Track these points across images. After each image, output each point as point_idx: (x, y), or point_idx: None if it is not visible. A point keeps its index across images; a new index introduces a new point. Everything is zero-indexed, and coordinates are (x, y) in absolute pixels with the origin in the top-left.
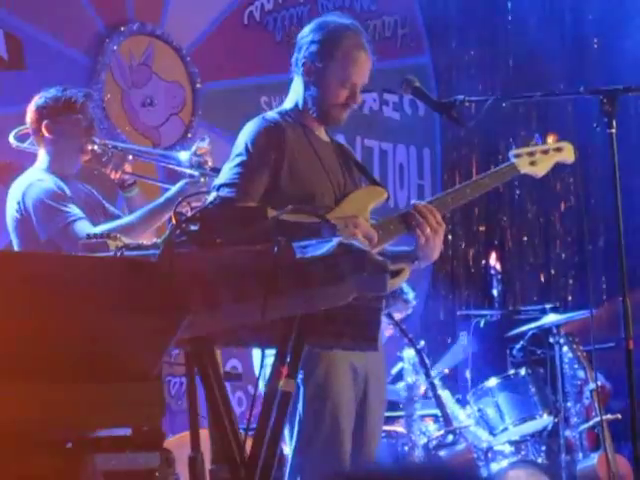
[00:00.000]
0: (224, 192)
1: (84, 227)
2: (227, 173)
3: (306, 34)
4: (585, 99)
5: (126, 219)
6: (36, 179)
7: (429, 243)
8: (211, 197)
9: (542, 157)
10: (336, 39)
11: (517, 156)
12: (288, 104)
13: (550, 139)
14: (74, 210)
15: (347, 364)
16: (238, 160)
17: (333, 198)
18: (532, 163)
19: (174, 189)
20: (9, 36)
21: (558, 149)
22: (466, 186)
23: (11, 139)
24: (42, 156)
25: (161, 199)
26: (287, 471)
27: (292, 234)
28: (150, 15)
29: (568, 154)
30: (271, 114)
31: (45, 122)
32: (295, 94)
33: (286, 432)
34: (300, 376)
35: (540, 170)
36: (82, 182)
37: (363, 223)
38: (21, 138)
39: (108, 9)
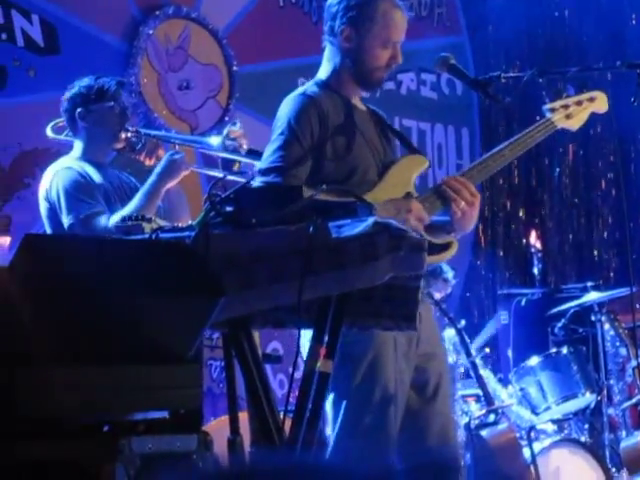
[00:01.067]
0: (270, 177)
1: (100, 221)
2: (271, 155)
3: (339, 1)
4: (623, 74)
5: (133, 203)
6: (63, 167)
7: (465, 216)
8: (256, 182)
9: (576, 109)
10: (372, 2)
11: (552, 110)
12: (323, 74)
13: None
14: (97, 202)
15: (401, 346)
16: (281, 140)
17: (376, 170)
18: (567, 117)
19: (162, 162)
20: (44, 22)
21: (591, 99)
22: (504, 148)
23: (48, 132)
24: (77, 144)
25: (153, 176)
26: (329, 453)
27: (327, 214)
28: None
29: (601, 103)
30: (310, 88)
31: (78, 110)
32: (331, 63)
33: (332, 413)
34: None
35: (576, 123)
36: (119, 169)
37: (416, 206)
38: (58, 131)
39: None
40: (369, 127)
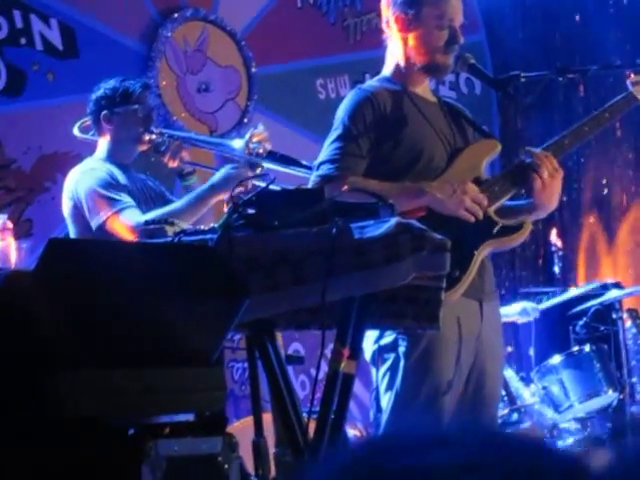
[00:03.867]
0: (324, 170)
1: (133, 215)
2: (326, 150)
3: None
4: None
5: (173, 205)
6: (89, 168)
7: (546, 189)
8: (312, 177)
9: None
10: None
11: (636, 84)
12: (387, 70)
13: None
14: (125, 198)
15: (455, 338)
16: (335, 135)
17: (445, 157)
18: None
19: (219, 175)
20: (63, 25)
21: None
22: (584, 124)
23: (75, 131)
24: (101, 145)
25: (206, 185)
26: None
27: (349, 215)
28: (203, 0)
29: None
30: (369, 82)
31: (103, 113)
32: (393, 57)
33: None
34: (402, 349)
35: None
36: (142, 172)
37: (471, 188)
38: (85, 130)
39: None
40: (438, 116)
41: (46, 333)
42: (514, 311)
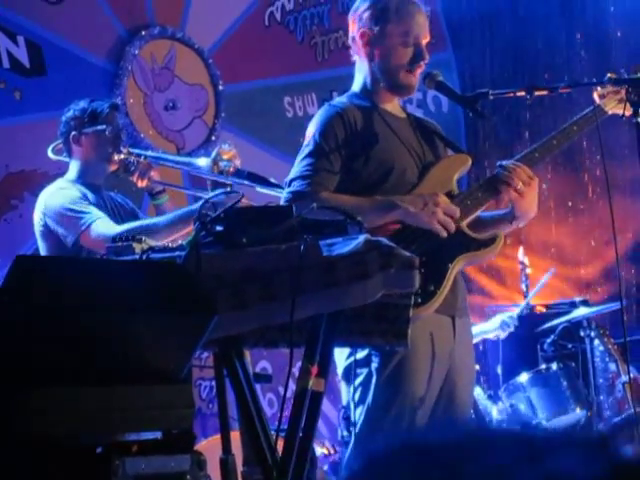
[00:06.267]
0: (295, 186)
1: (104, 225)
2: (297, 167)
3: (355, 8)
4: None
5: (152, 220)
6: (58, 187)
7: (524, 197)
8: (284, 193)
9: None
10: (385, 0)
11: (602, 96)
12: (356, 86)
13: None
14: (95, 211)
15: (427, 354)
16: (306, 151)
17: (416, 172)
18: (620, 101)
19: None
20: (30, 43)
21: None
22: (552, 137)
23: (49, 153)
24: (72, 166)
25: (190, 207)
26: (345, 459)
27: (318, 232)
28: (171, 18)
29: None
30: (339, 99)
31: (72, 133)
32: (361, 74)
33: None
34: (375, 365)
35: (627, 108)
36: (112, 191)
37: (443, 200)
38: (58, 152)
39: (128, 14)
40: (408, 131)
41: (13, 350)
42: (493, 326)
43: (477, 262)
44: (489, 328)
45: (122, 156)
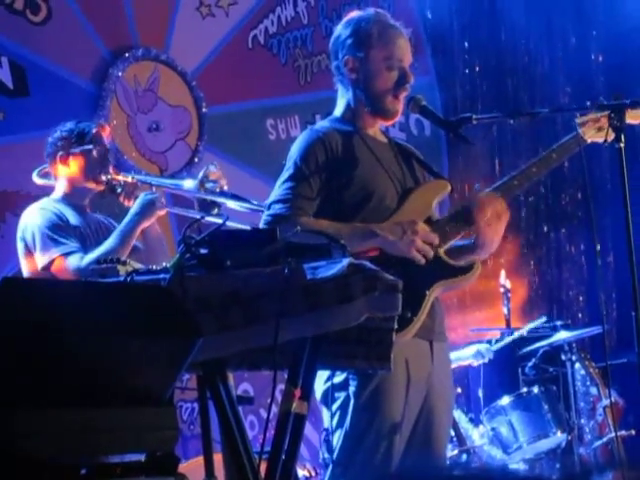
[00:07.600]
0: (275, 209)
1: (77, 260)
2: (277, 190)
3: (337, 37)
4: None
5: (107, 244)
6: (39, 207)
7: (489, 229)
8: (264, 216)
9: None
10: (367, 26)
11: (582, 124)
12: (338, 111)
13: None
14: (71, 242)
15: (403, 379)
16: (287, 175)
17: (396, 197)
18: (599, 129)
19: (137, 204)
20: (13, 64)
21: None
22: (532, 165)
23: (35, 178)
24: (58, 186)
25: (129, 217)
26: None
27: (302, 255)
28: (154, 40)
29: (636, 115)
30: (320, 123)
31: (60, 154)
32: (344, 98)
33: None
34: (352, 389)
35: (609, 134)
36: (98, 211)
37: (422, 228)
38: (44, 176)
39: (112, 35)
40: (389, 156)
41: None
42: (468, 354)
43: (454, 289)
44: (463, 356)
45: (109, 176)
